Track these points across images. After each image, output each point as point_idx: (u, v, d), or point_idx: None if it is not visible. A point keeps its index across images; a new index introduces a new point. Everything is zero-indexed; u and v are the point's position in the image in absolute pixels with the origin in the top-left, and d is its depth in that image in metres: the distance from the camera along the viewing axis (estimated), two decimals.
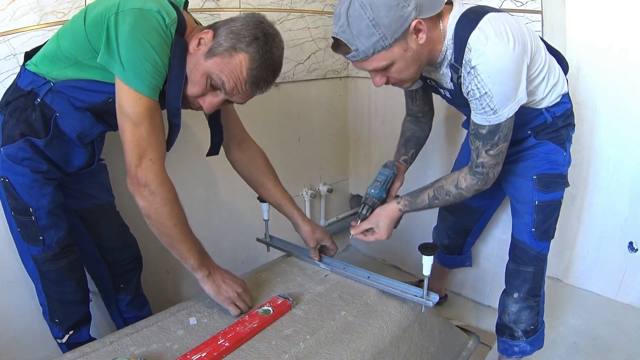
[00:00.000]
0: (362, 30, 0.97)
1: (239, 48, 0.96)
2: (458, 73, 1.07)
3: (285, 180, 2.07)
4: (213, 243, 1.84)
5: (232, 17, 1.01)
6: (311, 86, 2.03)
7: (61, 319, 1.20)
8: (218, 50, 0.96)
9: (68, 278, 1.17)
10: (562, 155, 1.27)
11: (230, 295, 1.11)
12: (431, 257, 1.11)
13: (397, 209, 1.28)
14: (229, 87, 0.99)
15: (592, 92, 1.60)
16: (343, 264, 1.35)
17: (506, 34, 0.99)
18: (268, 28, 1.00)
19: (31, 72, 1.04)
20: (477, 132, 1.11)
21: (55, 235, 1.12)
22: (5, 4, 1.16)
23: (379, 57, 1.01)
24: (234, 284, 1.13)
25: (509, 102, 1.04)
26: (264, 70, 0.98)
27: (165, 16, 0.93)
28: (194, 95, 1.02)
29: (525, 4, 1.55)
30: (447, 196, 1.22)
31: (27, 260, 1.15)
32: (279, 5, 1.78)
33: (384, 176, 1.32)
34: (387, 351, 1.09)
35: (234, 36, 0.96)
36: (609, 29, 1.51)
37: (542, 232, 1.30)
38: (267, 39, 0.98)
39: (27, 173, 1.05)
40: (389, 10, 0.95)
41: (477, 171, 1.16)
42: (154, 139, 0.97)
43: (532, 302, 1.36)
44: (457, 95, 1.14)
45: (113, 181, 1.34)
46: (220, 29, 0.98)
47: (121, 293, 1.37)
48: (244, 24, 0.97)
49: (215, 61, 0.97)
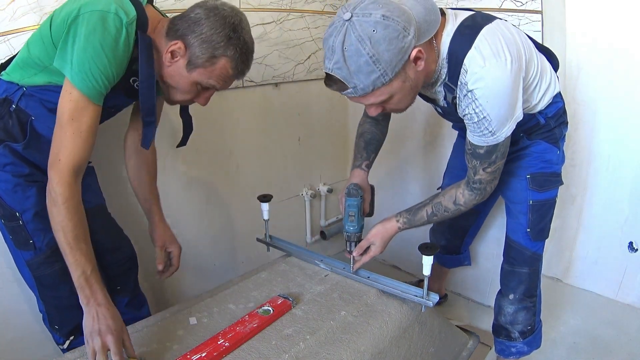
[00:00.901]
0: (360, 67, 0.90)
1: (218, 54, 0.98)
2: (453, 93, 1.05)
3: (285, 180, 2.10)
4: (213, 243, 1.85)
5: (191, 17, 0.98)
6: (311, 86, 2.03)
7: (60, 325, 1.20)
8: (198, 62, 0.99)
9: (63, 282, 1.16)
10: (555, 153, 1.26)
11: (93, 343, 0.92)
12: (431, 257, 1.11)
13: (397, 227, 1.25)
14: (219, 86, 1.05)
15: (592, 92, 1.60)
16: (343, 264, 1.35)
17: (503, 52, 0.95)
18: (233, 19, 0.98)
19: (5, 80, 1.05)
20: (474, 151, 1.10)
21: (46, 238, 1.11)
22: (5, 4, 1.16)
23: (378, 92, 0.95)
24: (106, 333, 0.92)
25: (507, 123, 1.02)
26: (244, 60, 1.03)
27: (123, 16, 0.93)
28: (183, 100, 1.08)
29: (525, 4, 1.54)
30: (446, 212, 1.21)
31: (22, 267, 1.15)
32: (279, 5, 1.78)
33: (355, 208, 1.26)
34: (387, 351, 1.09)
35: (207, 45, 0.97)
36: (609, 29, 1.51)
37: (537, 232, 1.29)
38: (237, 33, 0.98)
39: (8, 178, 1.05)
40: (389, 44, 0.88)
41: (474, 187, 1.15)
42: (72, 142, 0.94)
43: (529, 303, 1.36)
44: (450, 112, 1.13)
45: (103, 184, 1.33)
46: (189, 38, 0.97)
47: (119, 295, 1.36)
48: (212, 28, 0.96)
49: (199, 72, 1.00)
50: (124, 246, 1.36)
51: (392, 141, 2.19)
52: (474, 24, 1.00)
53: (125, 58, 0.96)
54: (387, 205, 2.28)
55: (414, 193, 2.14)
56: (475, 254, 1.92)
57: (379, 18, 0.87)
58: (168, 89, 1.07)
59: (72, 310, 1.22)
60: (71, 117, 0.93)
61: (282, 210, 2.05)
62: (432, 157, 2.00)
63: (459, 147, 1.57)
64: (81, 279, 0.95)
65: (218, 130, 1.74)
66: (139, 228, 1.40)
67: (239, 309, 1.16)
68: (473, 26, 0.99)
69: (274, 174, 2.02)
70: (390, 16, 0.88)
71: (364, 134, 1.39)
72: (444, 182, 1.64)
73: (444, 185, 1.64)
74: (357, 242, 1.28)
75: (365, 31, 0.87)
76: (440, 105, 1.15)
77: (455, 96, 1.05)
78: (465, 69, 0.97)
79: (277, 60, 1.83)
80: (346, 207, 1.26)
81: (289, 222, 2.13)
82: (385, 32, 0.87)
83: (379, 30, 0.87)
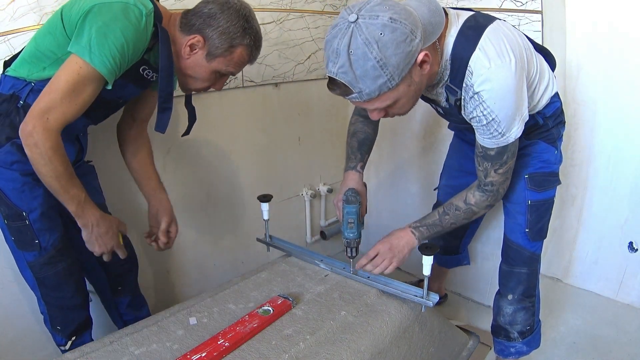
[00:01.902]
0: (367, 72, 0.86)
1: (235, 44, 1.07)
2: (456, 95, 1.04)
3: (285, 180, 2.10)
4: (213, 243, 1.85)
5: (205, 12, 1.05)
6: (311, 86, 2.03)
7: (62, 326, 1.20)
8: (218, 52, 1.07)
9: (66, 282, 1.17)
10: (553, 153, 1.26)
11: (98, 249, 1.13)
12: (431, 257, 1.11)
13: (409, 230, 1.23)
14: (236, 72, 1.15)
15: (592, 92, 1.60)
16: (343, 264, 1.35)
17: (507, 52, 0.95)
18: (244, 11, 1.07)
19: (11, 77, 1.05)
20: (485, 154, 1.09)
21: (51, 238, 1.12)
22: (5, 4, 1.16)
23: (384, 97, 0.93)
24: (108, 239, 1.14)
25: (515, 122, 1.02)
26: (258, 46, 1.13)
27: (142, 7, 0.99)
28: (201, 88, 1.17)
29: (525, 4, 1.54)
30: (457, 211, 1.20)
31: (24, 269, 1.15)
32: (279, 5, 1.78)
33: (354, 215, 1.22)
34: (387, 351, 1.09)
35: (226, 37, 1.06)
36: (609, 29, 1.51)
37: (535, 232, 1.29)
38: (249, 23, 1.08)
39: (17, 177, 1.05)
40: (397, 48, 0.85)
41: (486, 189, 1.15)
42: (66, 107, 0.96)
43: (528, 303, 1.36)
44: (453, 113, 1.12)
45: (103, 183, 1.33)
46: (207, 31, 1.06)
47: (120, 295, 1.36)
48: (227, 20, 1.05)
49: (219, 61, 1.09)
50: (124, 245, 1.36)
51: (392, 141, 2.20)
52: (477, 24, 0.99)
53: (142, 46, 1.02)
54: (387, 205, 2.29)
55: (414, 193, 2.14)
56: (475, 254, 1.92)
57: (386, 21, 0.84)
58: (186, 78, 1.14)
59: (75, 310, 1.22)
60: (73, 87, 0.95)
61: (282, 210, 2.05)
62: (433, 158, 2.00)
63: (455, 147, 1.57)
64: (78, 209, 1.06)
65: (218, 130, 1.74)
66: (142, 228, 1.40)
67: (239, 309, 1.16)
68: (476, 27, 0.98)
69: (274, 174, 2.02)
70: (398, 19, 0.85)
71: (357, 133, 1.35)
72: (441, 183, 1.64)
73: (441, 186, 1.64)
74: (357, 247, 1.28)
75: (373, 34, 0.84)
76: (442, 106, 1.15)
77: (458, 98, 1.04)
78: (470, 71, 0.97)
79: (277, 60, 1.83)
80: (344, 214, 1.23)
81: (289, 222, 2.13)
82: (392, 35, 0.84)
83: (386, 33, 0.84)
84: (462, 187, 1.24)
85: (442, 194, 1.62)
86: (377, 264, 1.22)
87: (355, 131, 1.35)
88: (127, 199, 1.50)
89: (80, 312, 1.24)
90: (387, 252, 1.22)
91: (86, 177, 1.26)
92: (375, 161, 2.27)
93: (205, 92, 1.21)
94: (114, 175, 1.44)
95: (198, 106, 1.26)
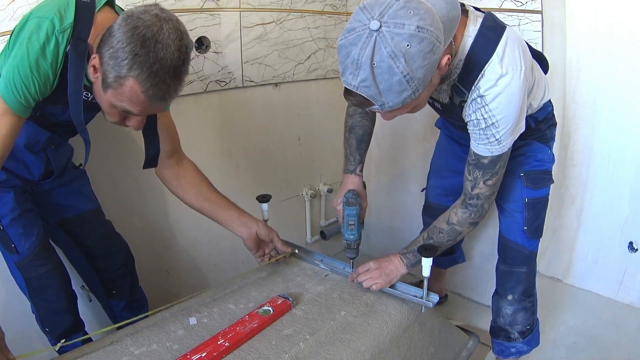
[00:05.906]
0: (392, 86, 0.80)
1: (123, 74, 0.84)
2: (463, 97, 1.02)
3: (285, 180, 2.10)
4: (213, 243, 1.85)
5: (112, 26, 0.86)
6: (311, 86, 2.03)
7: (50, 328, 1.20)
8: (108, 82, 0.87)
9: (48, 286, 1.16)
10: (547, 153, 1.27)
11: None
12: (431, 259, 1.11)
13: (398, 257, 1.24)
14: (137, 111, 0.91)
15: (592, 92, 1.60)
16: (343, 264, 1.35)
17: (520, 61, 0.94)
18: (145, 31, 0.82)
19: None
20: (478, 162, 1.08)
21: (27, 242, 1.10)
22: (5, 4, 1.16)
23: (405, 106, 0.88)
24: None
25: (513, 132, 1.02)
26: (159, 83, 0.85)
27: (57, 22, 0.85)
28: (115, 122, 0.97)
29: (525, 4, 1.54)
30: (440, 234, 1.19)
31: (12, 269, 1.15)
32: (279, 5, 1.78)
33: (354, 217, 1.22)
34: (387, 351, 1.09)
35: (113, 62, 0.84)
36: (609, 29, 1.51)
37: (533, 229, 1.29)
38: (147, 49, 0.82)
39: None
40: (424, 60, 0.79)
41: (470, 203, 1.14)
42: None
43: (527, 303, 1.36)
44: (452, 110, 1.12)
45: (98, 187, 1.32)
46: (103, 51, 0.86)
47: (114, 298, 1.35)
48: (119, 40, 0.83)
49: (111, 93, 0.88)
50: (119, 251, 1.35)
51: (392, 141, 2.20)
52: (496, 25, 0.98)
53: (52, 69, 0.87)
54: (387, 205, 2.29)
55: (414, 193, 2.14)
56: (474, 254, 1.92)
57: (413, 30, 0.77)
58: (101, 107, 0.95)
59: (60, 314, 1.21)
60: None
61: (282, 210, 2.05)
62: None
63: (443, 146, 1.55)
64: None
65: (218, 130, 1.74)
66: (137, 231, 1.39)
67: (239, 309, 1.16)
68: (495, 28, 0.97)
69: (274, 174, 2.02)
70: (424, 26, 0.78)
71: (355, 128, 1.30)
72: (430, 183, 1.63)
73: (430, 187, 1.62)
74: (357, 248, 1.28)
75: (399, 46, 0.77)
76: (441, 101, 1.14)
77: (464, 99, 1.03)
78: (482, 74, 0.96)
79: (277, 60, 1.83)
80: (345, 216, 1.23)
81: (289, 222, 2.13)
82: (420, 46, 0.78)
83: (413, 45, 0.78)
84: (453, 187, 1.23)
85: (432, 195, 1.62)
86: (363, 278, 1.22)
87: (354, 126, 1.30)
88: (123, 205, 1.50)
89: (65, 316, 1.21)
90: (375, 271, 1.22)
91: (73, 184, 1.25)
92: (375, 161, 2.28)
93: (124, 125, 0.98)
94: (108, 179, 1.44)
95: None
